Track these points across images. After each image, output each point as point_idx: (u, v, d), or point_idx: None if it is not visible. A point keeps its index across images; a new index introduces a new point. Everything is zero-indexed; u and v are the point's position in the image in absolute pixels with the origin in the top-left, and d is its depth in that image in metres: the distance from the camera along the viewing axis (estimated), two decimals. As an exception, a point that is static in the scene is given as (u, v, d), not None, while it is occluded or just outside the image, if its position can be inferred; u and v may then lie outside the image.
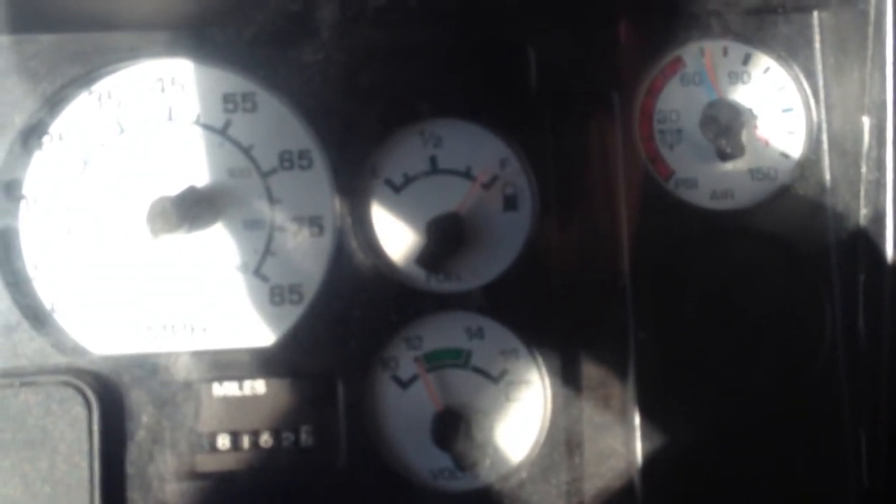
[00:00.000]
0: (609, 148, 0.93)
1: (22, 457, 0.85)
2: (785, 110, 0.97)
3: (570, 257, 0.92)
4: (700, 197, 0.96)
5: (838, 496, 0.93)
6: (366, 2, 0.89)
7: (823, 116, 0.96)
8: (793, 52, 0.97)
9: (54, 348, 0.88)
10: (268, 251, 0.92)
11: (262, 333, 0.92)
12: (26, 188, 0.91)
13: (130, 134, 0.92)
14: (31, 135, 0.91)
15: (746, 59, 0.97)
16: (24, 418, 0.86)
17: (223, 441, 0.90)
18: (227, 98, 0.93)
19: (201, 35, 0.91)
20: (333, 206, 0.92)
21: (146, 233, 0.86)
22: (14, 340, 0.88)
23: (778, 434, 0.93)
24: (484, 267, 0.93)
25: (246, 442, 0.90)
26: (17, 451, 0.85)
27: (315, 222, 0.92)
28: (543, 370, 0.92)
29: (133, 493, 0.87)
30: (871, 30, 0.93)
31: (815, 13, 0.96)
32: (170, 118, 0.92)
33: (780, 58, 0.97)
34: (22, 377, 0.86)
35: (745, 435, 0.93)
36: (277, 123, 0.93)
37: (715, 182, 0.96)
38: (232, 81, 0.93)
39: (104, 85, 0.92)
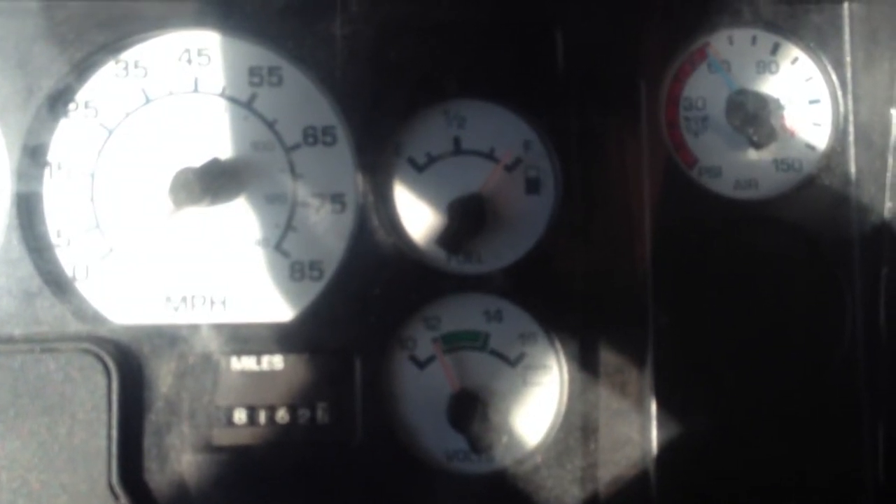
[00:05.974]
0: (633, 134, 0.93)
1: (40, 423, 0.85)
2: (812, 101, 0.97)
3: (592, 242, 0.92)
4: (724, 186, 0.95)
5: (854, 490, 0.93)
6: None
7: (851, 108, 0.95)
8: (822, 42, 0.96)
9: (75, 316, 0.88)
10: (289, 226, 0.92)
11: (281, 309, 0.91)
12: (51, 154, 0.91)
13: (156, 104, 0.92)
14: (58, 101, 0.91)
15: (775, 49, 0.96)
16: (44, 384, 0.86)
17: (240, 415, 0.89)
18: (253, 71, 0.92)
19: (229, 6, 0.91)
20: (356, 184, 0.91)
21: (169, 204, 0.85)
22: (35, 307, 0.88)
23: (795, 426, 0.92)
24: (504, 249, 0.93)
25: (262, 417, 0.90)
26: (36, 417, 0.85)
27: (337, 199, 0.92)
28: (561, 355, 0.92)
29: (150, 463, 0.87)
30: (902, 22, 0.93)
31: (847, 3, 0.95)
32: (195, 90, 0.92)
33: (808, 48, 0.96)
34: (42, 343, 0.86)
35: (761, 426, 0.92)
36: (302, 98, 0.92)
37: (739, 171, 0.95)
38: (258, 55, 0.92)
39: (131, 54, 0.92)
